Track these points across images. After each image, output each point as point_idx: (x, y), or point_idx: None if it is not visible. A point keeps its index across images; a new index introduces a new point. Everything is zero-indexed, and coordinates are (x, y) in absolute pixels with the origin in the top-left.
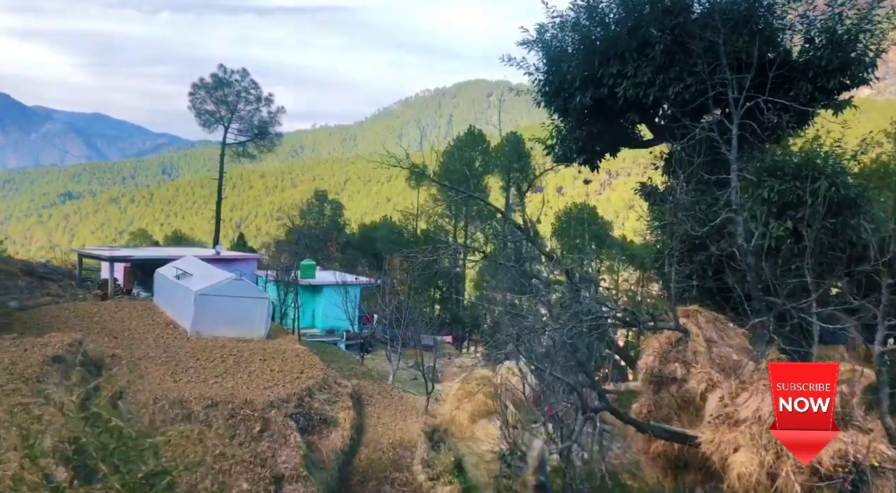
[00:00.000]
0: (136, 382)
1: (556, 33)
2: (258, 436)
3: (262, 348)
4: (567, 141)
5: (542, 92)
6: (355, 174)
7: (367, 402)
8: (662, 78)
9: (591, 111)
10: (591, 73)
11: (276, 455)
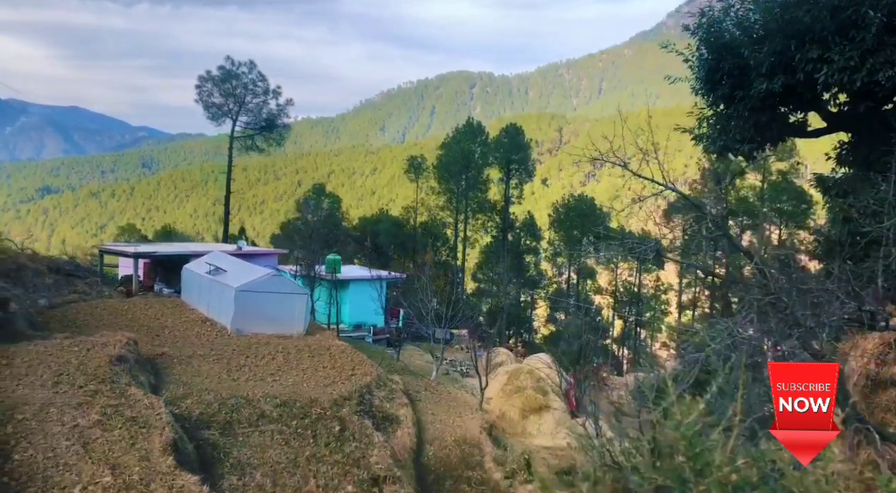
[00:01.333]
0: (196, 380)
1: (729, 18)
2: (339, 435)
3: (305, 345)
4: (729, 131)
5: (705, 79)
6: (339, 167)
7: (415, 398)
8: (872, 62)
9: (768, 100)
10: (782, 59)
11: (366, 456)
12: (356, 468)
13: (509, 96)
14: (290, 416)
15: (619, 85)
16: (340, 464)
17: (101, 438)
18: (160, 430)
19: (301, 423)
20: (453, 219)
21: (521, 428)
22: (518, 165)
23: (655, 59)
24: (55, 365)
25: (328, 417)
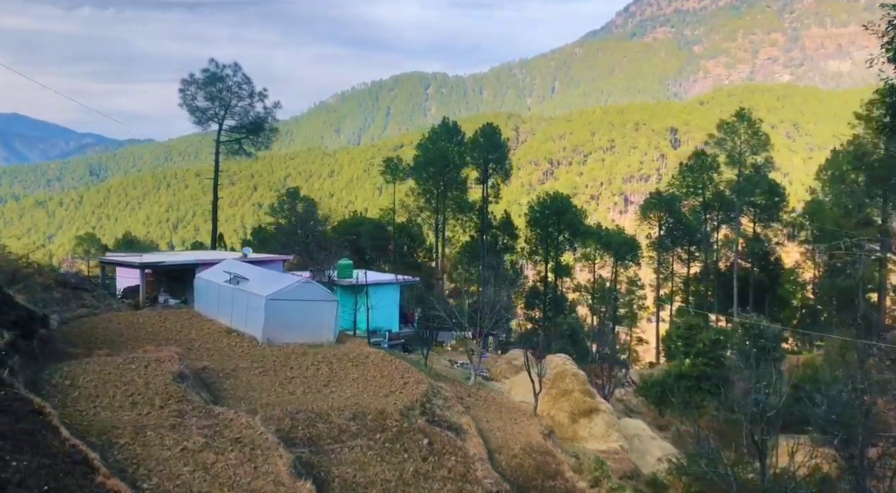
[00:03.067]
0: (252, 395)
1: None
2: (431, 449)
3: (343, 354)
4: None
5: None
6: (295, 170)
7: (465, 404)
8: None
9: None
10: None
11: (470, 470)
12: (468, 484)
13: (464, 97)
14: (369, 429)
15: (571, 84)
16: (449, 480)
17: (218, 462)
18: (276, 451)
19: (385, 436)
20: (434, 220)
21: (572, 432)
22: (495, 165)
23: (606, 58)
24: (121, 384)
25: (412, 429)
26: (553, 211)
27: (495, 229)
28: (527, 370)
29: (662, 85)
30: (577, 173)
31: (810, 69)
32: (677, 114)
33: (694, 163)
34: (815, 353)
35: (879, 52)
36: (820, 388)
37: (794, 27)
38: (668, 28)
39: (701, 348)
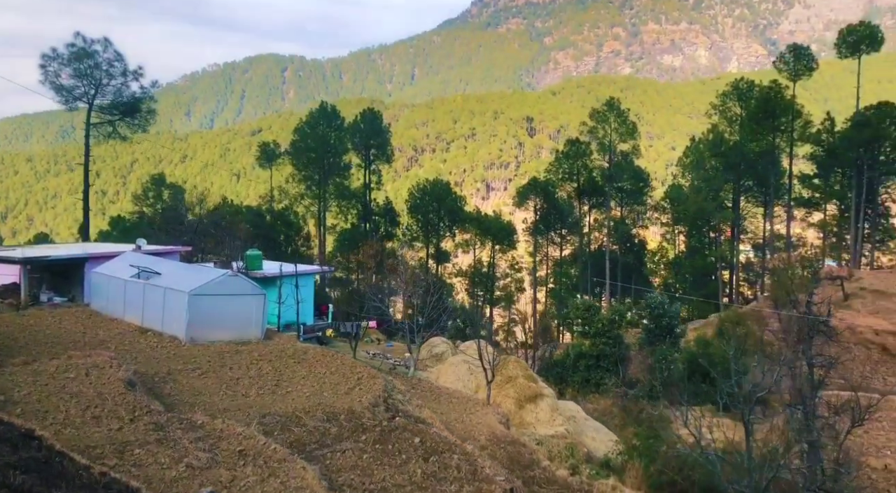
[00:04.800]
0: (201, 400)
1: None
2: (427, 447)
3: (280, 351)
4: None
5: None
6: (142, 155)
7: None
8: None
9: None
10: None
11: (478, 469)
12: (483, 483)
13: (323, 81)
14: (349, 430)
15: (430, 71)
16: (461, 480)
17: (237, 479)
18: (294, 462)
19: (370, 437)
20: (315, 207)
21: (519, 419)
22: (377, 151)
23: (463, 46)
24: (68, 396)
25: (396, 427)
26: (434, 197)
27: (377, 216)
28: (480, 359)
29: (516, 75)
30: (440, 160)
31: (648, 63)
32: (532, 103)
33: (569, 150)
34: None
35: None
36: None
37: (633, 23)
38: (521, 19)
39: (600, 328)
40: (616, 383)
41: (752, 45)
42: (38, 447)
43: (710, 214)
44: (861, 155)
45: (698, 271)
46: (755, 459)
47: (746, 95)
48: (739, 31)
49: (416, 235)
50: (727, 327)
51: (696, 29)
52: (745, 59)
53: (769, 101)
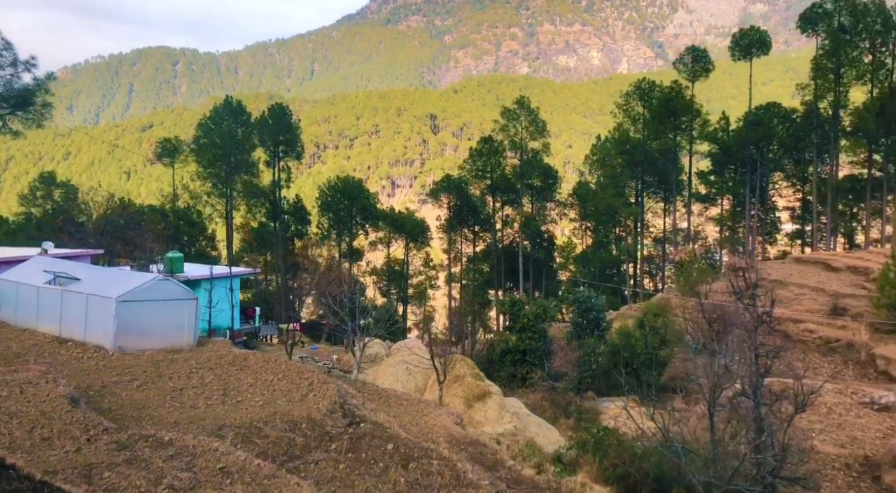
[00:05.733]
0: (147, 413)
1: None
2: (401, 453)
3: (219, 358)
4: None
5: None
6: (19, 152)
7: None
8: None
9: None
10: None
11: (460, 475)
12: (470, 489)
13: (218, 75)
14: (315, 440)
15: (330, 67)
16: (448, 487)
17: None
18: (284, 479)
19: (339, 446)
20: (222, 206)
21: (468, 418)
22: (287, 147)
23: (363, 42)
24: (7, 417)
25: (363, 434)
26: (345, 195)
27: (287, 215)
28: (431, 360)
29: (418, 72)
30: (344, 157)
31: (545, 63)
32: (435, 101)
33: (482, 147)
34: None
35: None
36: (637, 353)
37: (529, 23)
38: (421, 17)
39: (525, 323)
40: (542, 377)
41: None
42: (18, 477)
43: (617, 209)
44: (753, 153)
45: (604, 265)
46: (719, 449)
47: (648, 95)
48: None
49: (327, 234)
50: (649, 318)
51: (588, 31)
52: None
53: (670, 100)
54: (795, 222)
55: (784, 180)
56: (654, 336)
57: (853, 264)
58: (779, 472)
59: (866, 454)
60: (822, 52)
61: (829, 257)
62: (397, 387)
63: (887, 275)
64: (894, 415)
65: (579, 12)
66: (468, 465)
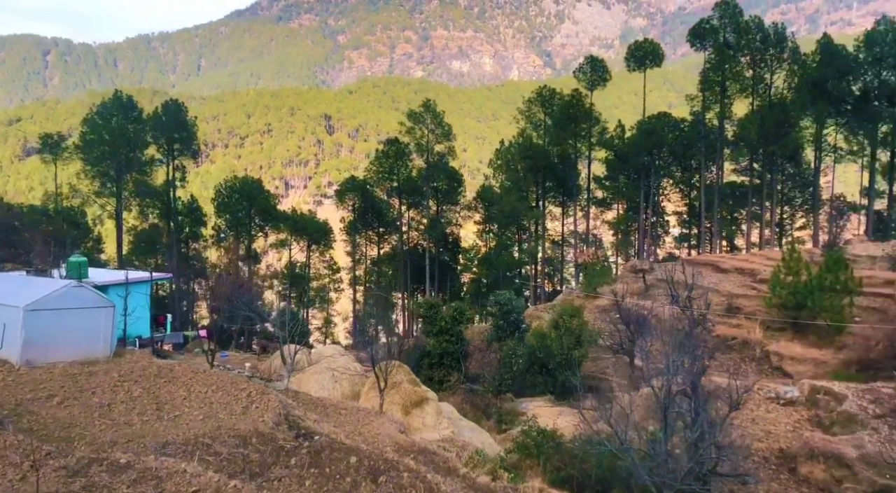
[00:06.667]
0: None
1: None
2: (366, 466)
3: (142, 370)
4: None
5: None
6: None
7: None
8: None
9: None
10: None
11: (431, 485)
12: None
13: (95, 67)
14: (271, 454)
15: (218, 63)
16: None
17: None
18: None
19: (299, 461)
20: (111, 206)
21: (407, 424)
22: (182, 145)
23: (253, 39)
24: None
25: (322, 447)
26: (244, 196)
27: (182, 215)
28: (372, 366)
29: (311, 71)
30: (234, 156)
31: (439, 67)
32: (330, 101)
33: (388, 149)
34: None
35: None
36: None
37: (423, 27)
38: (313, 16)
39: (443, 325)
40: (460, 380)
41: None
42: None
43: (520, 213)
44: (646, 159)
45: (507, 267)
46: (671, 450)
47: (549, 102)
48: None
49: (224, 236)
50: (565, 319)
51: (480, 37)
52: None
53: (571, 108)
54: (683, 227)
55: (673, 186)
56: (570, 337)
57: (740, 266)
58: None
59: (781, 447)
60: (710, 66)
61: (718, 259)
62: (323, 394)
63: (778, 276)
64: (799, 409)
65: (472, 19)
66: (438, 476)
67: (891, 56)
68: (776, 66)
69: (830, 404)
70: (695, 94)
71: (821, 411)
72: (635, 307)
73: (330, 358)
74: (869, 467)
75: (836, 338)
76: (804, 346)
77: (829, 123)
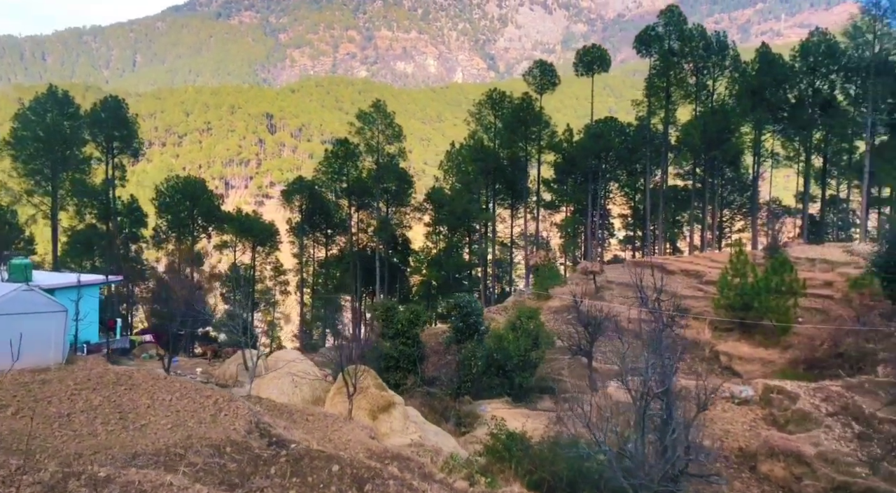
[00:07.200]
0: (41, 445)
1: None
2: (349, 474)
3: (99, 377)
4: None
5: None
6: None
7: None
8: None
9: None
10: None
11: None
12: None
13: (21, 61)
14: (250, 464)
15: (155, 59)
16: None
17: None
18: None
19: (278, 470)
20: (45, 206)
21: (374, 430)
22: (122, 143)
23: (191, 35)
24: None
25: (299, 455)
26: (186, 196)
27: (121, 216)
28: (342, 373)
29: (251, 69)
30: (172, 155)
31: (383, 68)
32: (272, 100)
33: (338, 150)
34: (490, 322)
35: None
36: (510, 356)
37: (367, 27)
38: (254, 13)
39: (399, 328)
40: (416, 383)
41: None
42: None
43: (471, 215)
44: (593, 163)
45: (457, 269)
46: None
47: (499, 105)
48: (463, 44)
49: (166, 237)
50: (521, 321)
51: (424, 39)
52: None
53: (521, 111)
54: (628, 229)
55: (618, 189)
56: (527, 339)
57: (685, 268)
58: (686, 470)
59: (740, 445)
60: (655, 72)
61: (664, 260)
62: (284, 400)
63: (726, 278)
64: (754, 408)
65: (416, 20)
66: (425, 483)
67: (823, 66)
68: (718, 73)
69: (784, 403)
70: (639, 99)
71: (775, 409)
72: (592, 309)
73: (290, 363)
74: (827, 464)
75: (782, 338)
76: (751, 346)
77: (766, 129)
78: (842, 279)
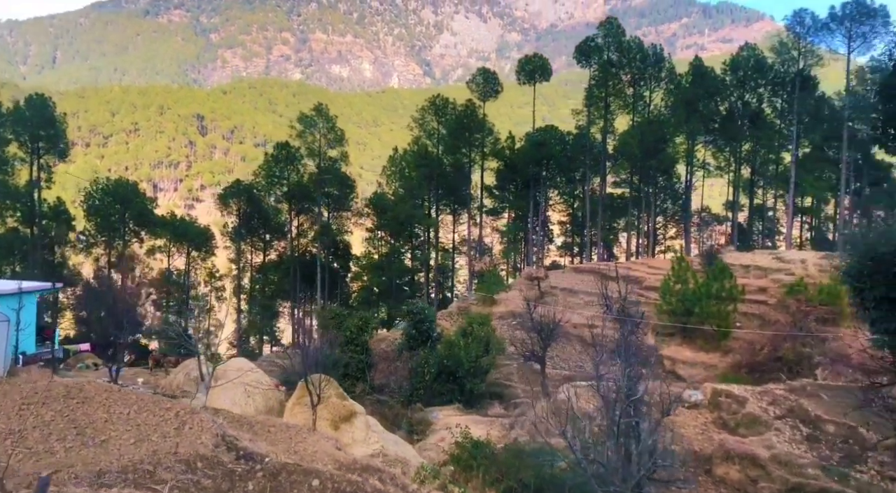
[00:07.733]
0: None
1: None
2: (332, 489)
3: (47, 390)
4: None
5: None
6: None
7: None
8: None
9: None
10: None
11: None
12: None
13: None
14: (224, 479)
15: (77, 56)
16: None
17: None
18: None
19: (256, 485)
20: None
21: (338, 441)
22: (48, 144)
23: (117, 33)
24: None
25: (275, 470)
26: (117, 199)
27: (47, 219)
28: (305, 383)
29: (181, 69)
30: (97, 156)
31: (318, 71)
32: (202, 101)
33: (278, 153)
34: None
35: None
36: (461, 362)
37: (301, 30)
38: (184, 12)
39: (348, 335)
40: (366, 391)
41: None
42: None
43: (415, 220)
44: (535, 170)
45: (399, 274)
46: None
47: (443, 111)
48: (399, 49)
49: (94, 241)
50: (473, 328)
51: (360, 43)
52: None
53: (465, 118)
54: (566, 235)
55: (558, 196)
56: (478, 345)
57: (624, 274)
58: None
59: (694, 449)
60: (594, 82)
61: (603, 267)
62: (237, 411)
63: (668, 284)
64: (703, 412)
65: (351, 24)
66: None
67: (752, 80)
68: (654, 84)
69: (732, 407)
70: (576, 108)
71: (724, 413)
72: (546, 315)
73: (242, 372)
74: (781, 466)
75: (723, 342)
76: (693, 350)
77: (699, 140)
78: (775, 285)
